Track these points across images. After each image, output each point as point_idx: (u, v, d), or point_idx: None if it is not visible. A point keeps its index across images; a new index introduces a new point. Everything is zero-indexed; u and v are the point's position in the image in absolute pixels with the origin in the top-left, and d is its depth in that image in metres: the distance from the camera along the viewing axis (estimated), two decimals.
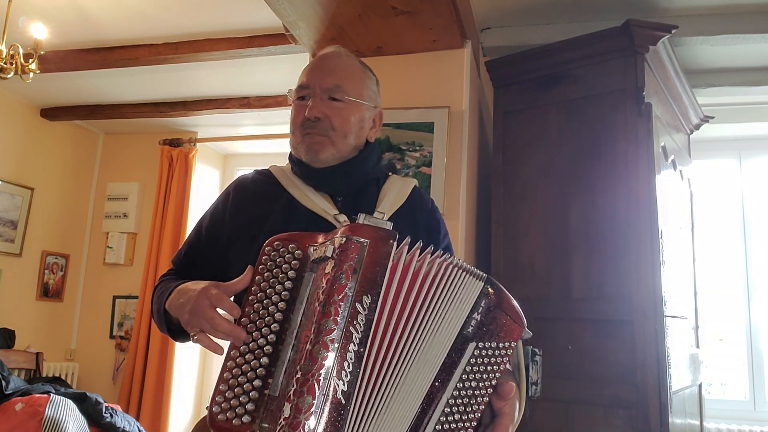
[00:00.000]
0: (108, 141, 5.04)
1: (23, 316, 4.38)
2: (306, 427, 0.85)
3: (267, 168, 1.36)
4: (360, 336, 0.91)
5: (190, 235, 1.36)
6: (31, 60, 3.02)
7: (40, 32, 3.05)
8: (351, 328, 0.91)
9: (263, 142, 4.64)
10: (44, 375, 4.07)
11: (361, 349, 0.91)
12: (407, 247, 0.99)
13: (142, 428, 3.38)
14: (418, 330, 0.97)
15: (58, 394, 3.08)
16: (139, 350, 4.36)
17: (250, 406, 0.90)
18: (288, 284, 0.97)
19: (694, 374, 2.59)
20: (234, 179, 1.37)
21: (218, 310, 1.01)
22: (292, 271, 0.98)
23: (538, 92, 2.57)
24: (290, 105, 1.32)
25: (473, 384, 0.98)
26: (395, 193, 1.30)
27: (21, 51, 3.02)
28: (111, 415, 3.17)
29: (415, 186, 1.36)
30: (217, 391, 0.92)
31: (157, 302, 1.23)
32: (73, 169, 4.82)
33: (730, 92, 3.26)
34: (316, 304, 0.93)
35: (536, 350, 1.10)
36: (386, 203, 1.25)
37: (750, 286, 3.62)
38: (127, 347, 4.50)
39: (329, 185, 1.26)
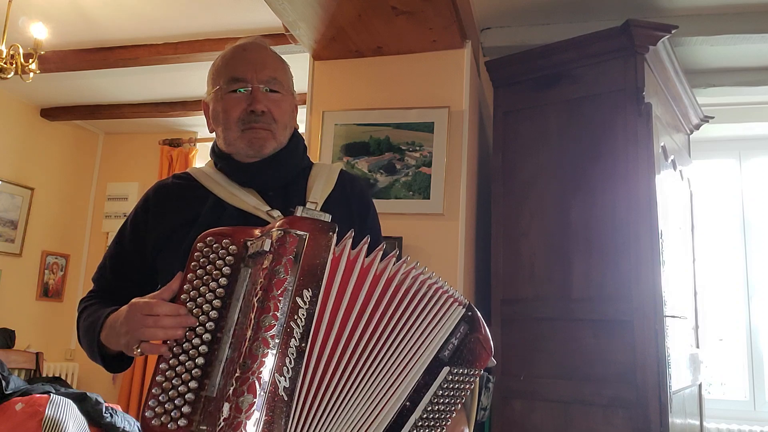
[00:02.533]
0: (108, 141, 5.04)
1: (23, 316, 4.38)
2: (247, 426, 0.83)
3: (185, 171, 1.30)
4: (301, 331, 0.89)
5: (109, 248, 1.28)
6: (31, 60, 3.02)
7: (40, 32, 3.05)
8: (292, 323, 0.88)
9: None
10: (44, 375, 4.07)
11: (303, 344, 0.89)
12: (350, 240, 0.97)
13: None
14: (387, 336, 0.95)
15: (58, 394, 3.07)
16: None
17: (186, 409, 0.87)
18: (223, 281, 0.93)
19: (694, 374, 2.59)
20: (152, 186, 1.30)
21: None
22: (226, 267, 0.94)
23: (538, 92, 2.57)
24: (216, 101, 1.26)
25: (441, 408, 0.98)
26: (323, 180, 1.25)
27: (21, 51, 3.02)
28: (111, 415, 3.17)
29: (342, 170, 1.32)
30: (150, 395, 0.88)
31: (88, 335, 1.14)
32: (73, 169, 4.82)
33: (730, 92, 3.26)
34: (254, 299, 0.90)
35: (490, 377, 1.13)
36: (316, 192, 1.21)
37: (750, 286, 3.62)
38: None
39: (259, 179, 1.21)
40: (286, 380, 0.86)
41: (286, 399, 0.86)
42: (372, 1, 2.29)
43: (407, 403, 0.95)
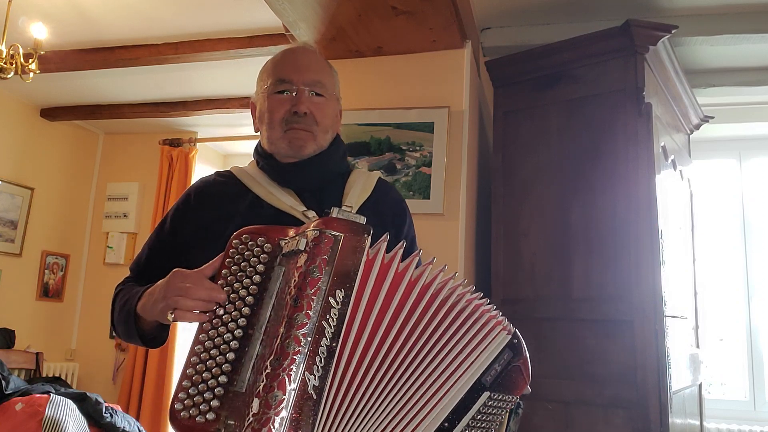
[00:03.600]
0: (108, 141, 5.04)
1: (23, 316, 4.39)
2: (275, 422, 0.83)
3: (228, 169, 1.35)
4: (333, 331, 0.90)
5: (149, 240, 1.33)
6: (31, 60, 3.02)
7: (40, 32, 3.05)
8: (324, 322, 0.89)
9: None
10: (44, 375, 4.07)
11: (334, 344, 0.89)
12: (385, 243, 0.98)
13: (142, 428, 3.38)
14: (424, 348, 0.96)
15: (58, 394, 3.07)
16: (139, 350, 4.36)
17: (214, 403, 0.87)
18: (256, 278, 0.95)
19: (694, 374, 2.59)
20: (195, 182, 1.35)
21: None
22: (260, 265, 0.96)
23: (538, 92, 2.57)
24: (262, 100, 1.30)
25: (482, 427, 0.99)
26: (360, 186, 1.29)
27: (21, 51, 3.02)
28: (111, 415, 3.17)
29: (380, 178, 1.36)
30: (179, 388, 0.89)
31: (124, 309, 1.19)
32: (73, 169, 4.82)
33: (730, 92, 3.26)
34: (288, 297, 0.91)
35: (520, 402, 1.13)
36: (352, 197, 1.25)
37: (750, 286, 3.62)
38: (127, 347, 4.50)
39: (297, 180, 1.25)
40: (315, 379, 0.87)
41: (315, 398, 0.87)
42: (372, 1, 2.30)
43: (446, 424, 0.96)
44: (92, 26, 3.31)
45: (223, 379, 0.89)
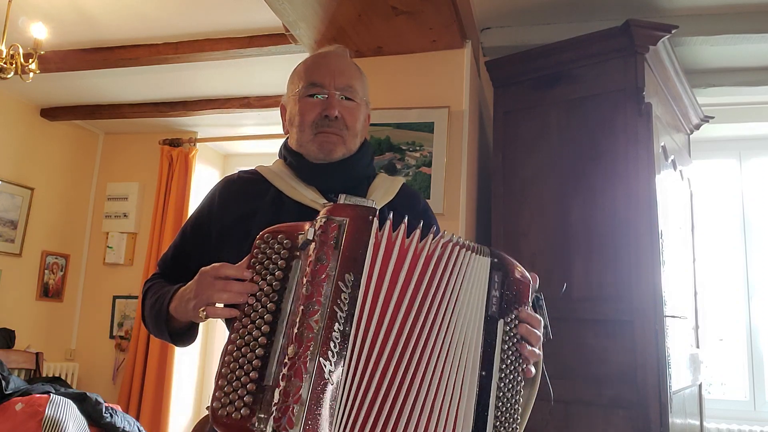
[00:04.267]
0: (108, 141, 5.04)
1: (23, 316, 4.39)
2: (294, 410, 0.86)
3: (254, 168, 1.36)
4: (345, 315, 0.91)
5: (176, 237, 1.35)
6: (31, 60, 3.02)
7: (40, 32, 3.05)
8: (335, 307, 0.91)
9: (263, 142, 4.63)
10: (44, 375, 4.07)
11: (347, 328, 0.91)
12: (390, 222, 0.99)
13: (142, 428, 3.38)
14: (430, 313, 0.97)
15: (58, 394, 3.08)
16: (139, 350, 4.36)
17: (248, 399, 0.90)
18: (279, 274, 0.97)
19: (694, 374, 2.59)
20: (219, 180, 1.37)
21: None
22: (281, 261, 0.98)
23: (538, 92, 2.57)
24: (294, 102, 1.31)
25: (513, 358, 1.00)
26: (384, 189, 1.31)
27: (21, 51, 3.02)
28: (111, 415, 3.17)
29: (404, 184, 1.37)
30: (216, 387, 0.93)
31: (155, 307, 1.21)
32: (73, 169, 4.82)
33: (730, 92, 3.26)
34: (302, 288, 0.93)
35: (539, 295, 1.12)
36: (375, 197, 1.26)
37: (750, 286, 3.62)
38: (127, 347, 4.50)
39: (324, 180, 1.27)
40: (331, 364, 0.89)
41: (333, 383, 0.89)
42: (372, 1, 2.30)
43: (483, 372, 0.97)
44: (92, 26, 3.31)
45: (253, 375, 0.91)
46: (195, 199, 4.61)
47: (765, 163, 3.77)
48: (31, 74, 3.06)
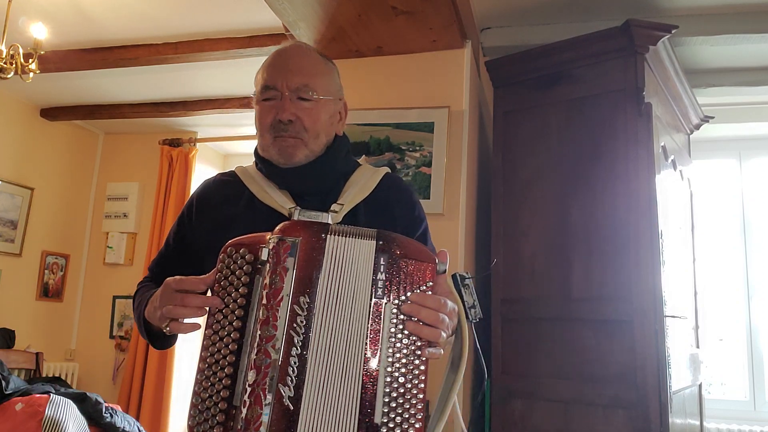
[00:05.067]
0: (108, 141, 5.04)
1: (23, 316, 4.38)
2: None
3: (231, 170, 1.33)
4: (301, 339, 0.91)
5: (163, 246, 1.34)
6: (31, 60, 3.02)
7: (40, 32, 3.05)
8: (291, 331, 0.90)
9: None
10: (44, 375, 4.07)
11: (304, 352, 0.90)
12: (332, 236, 0.96)
13: (142, 428, 3.38)
14: (339, 315, 0.94)
15: (58, 394, 3.07)
16: (139, 350, 4.36)
17: (220, 417, 0.91)
18: (242, 290, 0.96)
19: (694, 374, 2.59)
20: (199, 185, 1.35)
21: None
22: (245, 276, 0.96)
23: (538, 92, 2.57)
24: (255, 106, 1.28)
25: (405, 342, 0.95)
26: (360, 184, 1.24)
27: (21, 51, 3.02)
28: (111, 415, 3.17)
29: (387, 174, 1.30)
30: (191, 405, 0.93)
31: (136, 313, 1.23)
32: (73, 169, 4.81)
33: (730, 92, 3.26)
34: (259, 311, 0.92)
35: (464, 274, 1.08)
36: (348, 195, 1.21)
37: (750, 286, 3.62)
38: (127, 347, 4.50)
39: (296, 184, 1.22)
40: (290, 389, 0.89)
41: (292, 408, 0.88)
42: (372, 1, 2.30)
43: (369, 358, 0.93)
44: (92, 26, 3.30)
45: (224, 393, 0.92)
46: None
47: (765, 163, 3.77)
48: (31, 74, 3.06)
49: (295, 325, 0.91)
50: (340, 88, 1.34)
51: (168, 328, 1.02)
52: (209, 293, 1.01)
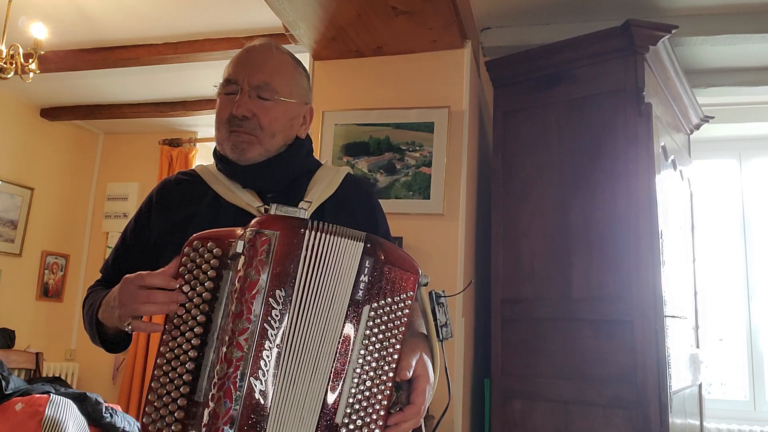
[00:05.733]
0: (108, 141, 5.04)
1: (23, 316, 4.38)
2: (224, 431, 0.84)
3: (192, 168, 1.31)
4: (276, 332, 0.89)
5: (117, 242, 1.30)
6: (31, 60, 3.02)
7: (40, 32, 3.05)
8: (266, 324, 0.89)
9: None
10: (44, 375, 4.07)
11: (278, 345, 0.89)
12: (313, 232, 0.95)
13: None
14: (315, 311, 0.93)
15: (58, 394, 3.07)
16: (139, 350, 4.36)
17: (179, 414, 0.88)
18: (209, 284, 0.93)
19: (694, 374, 2.59)
20: (158, 183, 1.32)
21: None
22: (212, 270, 0.94)
23: (538, 92, 2.57)
24: (216, 98, 1.26)
25: (377, 347, 0.95)
26: (326, 182, 1.24)
27: (21, 51, 3.02)
28: (111, 415, 3.17)
29: (348, 174, 1.30)
30: (146, 402, 0.90)
31: (88, 314, 1.19)
32: (73, 169, 4.82)
33: (730, 92, 3.26)
34: (232, 305, 0.90)
35: (440, 293, 1.08)
36: (315, 193, 1.20)
37: (750, 286, 3.62)
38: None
39: (256, 182, 1.20)
40: (262, 383, 0.88)
41: (262, 402, 0.87)
42: (372, 1, 2.30)
43: (340, 357, 0.93)
44: (92, 26, 3.30)
45: (184, 389, 0.89)
46: None
47: (765, 163, 3.77)
48: (31, 74, 3.06)
49: (269, 318, 0.89)
50: (307, 92, 1.30)
51: (130, 327, 0.99)
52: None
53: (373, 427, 0.93)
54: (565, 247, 2.38)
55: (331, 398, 0.92)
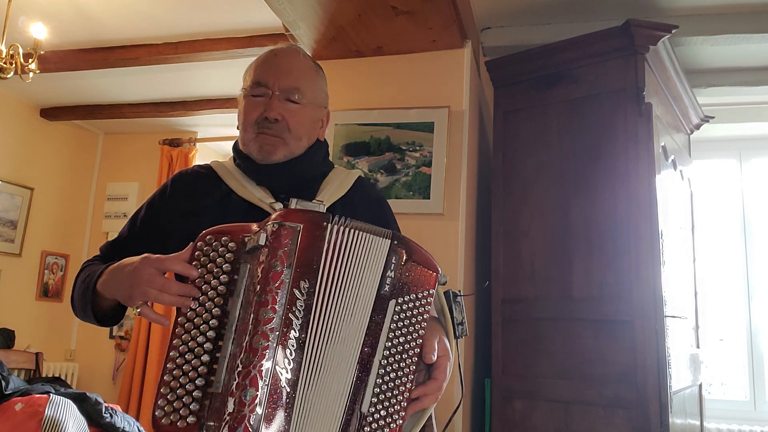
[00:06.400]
0: (108, 141, 5.04)
1: (23, 316, 4.38)
2: (251, 419, 0.85)
3: (208, 163, 1.35)
4: (300, 322, 0.92)
5: (125, 226, 1.32)
6: (31, 60, 3.02)
7: (40, 32, 3.05)
8: (290, 315, 0.91)
9: None
10: (44, 375, 4.07)
11: (303, 335, 0.91)
12: (337, 227, 0.98)
13: (141, 428, 3.38)
14: (342, 303, 0.96)
15: (58, 394, 3.07)
16: (139, 350, 4.36)
17: (194, 406, 0.88)
18: (224, 278, 0.94)
19: (694, 374, 2.59)
20: (175, 174, 1.35)
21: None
22: (226, 264, 0.95)
23: (538, 92, 2.57)
24: (241, 99, 1.30)
25: (401, 339, 0.98)
26: (337, 183, 1.29)
27: (21, 51, 3.02)
28: (111, 415, 3.17)
29: (359, 177, 1.35)
30: (158, 395, 0.90)
31: (83, 284, 1.18)
32: (73, 169, 4.81)
33: (730, 92, 3.26)
34: (253, 294, 0.92)
35: (456, 292, 1.12)
36: (326, 193, 1.25)
37: (750, 286, 3.62)
38: (127, 347, 4.50)
39: (271, 181, 1.24)
40: (287, 372, 0.89)
41: (288, 390, 0.89)
42: (372, 1, 2.30)
43: (366, 349, 0.96)
44: (92, 26, 3.30)
45: (200, 381, 0.90)
46: None
47: (765, 163, 3.77)
48: (31, 74, 3.06)
49: (294, 308, 0.91)
50: (326, 96, 1.36)
51: (139, 311, 0.98)
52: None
53: (396, 417, 0.96)
54: (566, 247, 2.38)
55: (357, 388, 0.94)
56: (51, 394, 3.03)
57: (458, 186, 2.53)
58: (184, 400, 0.89)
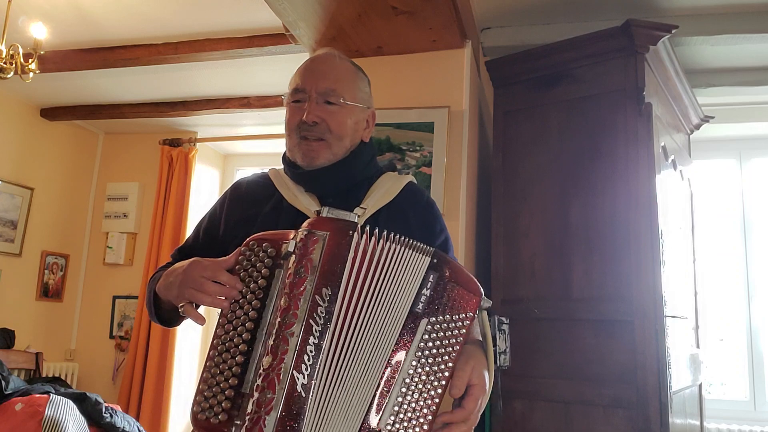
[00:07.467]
0: (108, 141, 5.04)
1: (23, 316, 4.38)
2: (266, 421, 0.89)
3: (265, 171, 1.39)
4: (320, 328, 0.94)
5: (191, 234, 1.39)
6: (31, 60, 3.02)
7: (40, 32, 3.05)
8: (311, 320, 0.93)
9: (263, 142, 4.64)
10: (44, 375, 4.07)
11: (321, 342, 0.94)
12: (367, 236, 1.00)
13: (141, 428, 3.38)
14: (369, 314, 0.98)
15: (58, 394, 3.07)
16: (139, 350, 4.36)
17: (226, 404, 0.93)
18: (261, 282, 0.99)
19: (694, 374, 2.59)
20: (234, 183, 1.41)
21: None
22: (265, 269, 1.00)
23: (538, 92, 2.57)
24: (285, 107, 1.33)
25: (430, 360, 0.97)
26: (384, 189, 1.30)
27: (21, 51, 3.02)
28: (111, 415, 3.17)
29: (410, 182, 1.35)
30: (198, 391, 0.96)
31: (148, 288, 1.27)
32: (73, 169, 4.81)
33: (730, 92, 3.26)
34: (281, 300, 0.96)
35: (503, 319, 1.11)
36: (371, 199, 1.26)
37: (750, 286, 3.62)
38: (127, 347, 4.50)
39: (318, 186, 1.28)
40: (304, 377, 0.92)
41: (303, 395, 0.91)
42: (372, 1, 2.30)
43: (391, 363, 0.97)
44: (92, 26, 3.30)
45: (233, 381, 0.95)
46: (195, 199, 4.62)
47: (765, 163, 3.77)
48: (31, 74, 3.06)
49: (315, 314, 0.94)
50: (370, 97, 1.37)
51: (182, 309, 1.05)
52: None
53: None
54: (565, 247, 2.38)
55: (377, 402, 0.95)
56: (51, 394, 3.03)
57: (458, 186, 2.53)
58: (218, 398, 0.94)
